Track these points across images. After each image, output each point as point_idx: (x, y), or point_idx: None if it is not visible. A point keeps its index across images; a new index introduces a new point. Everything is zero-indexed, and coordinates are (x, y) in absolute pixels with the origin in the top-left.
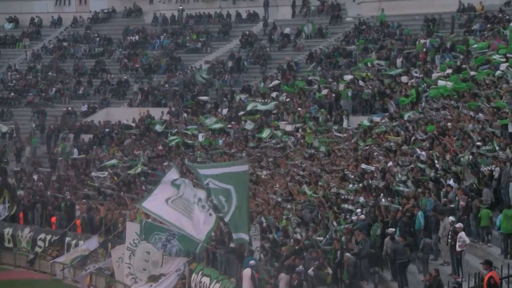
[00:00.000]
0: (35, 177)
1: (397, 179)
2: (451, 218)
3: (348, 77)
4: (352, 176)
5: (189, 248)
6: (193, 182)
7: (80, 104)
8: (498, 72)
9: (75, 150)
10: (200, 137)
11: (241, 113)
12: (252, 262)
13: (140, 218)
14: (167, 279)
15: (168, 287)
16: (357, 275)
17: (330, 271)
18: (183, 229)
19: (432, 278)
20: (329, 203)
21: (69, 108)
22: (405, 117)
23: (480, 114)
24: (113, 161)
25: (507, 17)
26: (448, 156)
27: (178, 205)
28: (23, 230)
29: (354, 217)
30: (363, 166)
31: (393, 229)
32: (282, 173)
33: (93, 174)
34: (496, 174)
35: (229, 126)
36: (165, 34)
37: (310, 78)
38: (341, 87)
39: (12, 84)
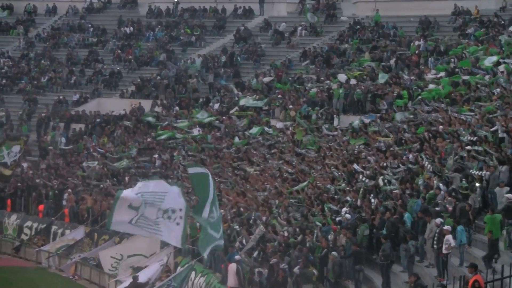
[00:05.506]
0: (25, 164)
1: (385, 180)
2: (439, 219)
3: (342, 77)
4: (339, 175)
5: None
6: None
7: (71, 93)
8: (487, 76)
9: (63, 140)
10: (196, 131)
11: (232, 110)
12: (237, 257)
13: None
14: (149, 269)
15: (150, 277)
16: (342, 274)
17: (315, 272)
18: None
19: (414, 283)
20: (318, 202)
21: (61, 97)
22: (397, 118)
23: (470, 117)
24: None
25: (502, 22)
26: (437, 159)
27: (142, 224)
28: (10, 217)
29: (338, 218)
30: (354, 166)
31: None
32: (271, 170)
33: (84, 164)
34: (485, 179)
35: (217, 121)
36: (159, 26)
37: (304, 76)
38: (334, 86)
39: (4, 71)
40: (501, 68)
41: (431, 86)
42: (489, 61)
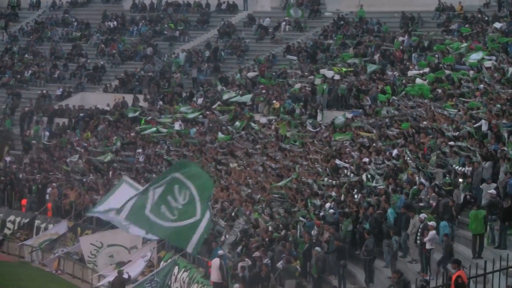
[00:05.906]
0: (8, 158)
1: (369, 176)
2: (423, 215)
3: (329, 73)
4: (323, 170)
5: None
6: None
7: (55, 87)
8: (471, 72)
9: (46, 134)
10: (177, 126)
11: (215, 105)
12: (220, 252)
13: None
14: (133, 264)
15: (135, 273)
16: (325, 270)
17: (299, 268)
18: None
19: (397, 279)
20: (302, 197)
21: (44, 91)
22: (382, 113)
23: (454, 112)
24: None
25: (486, 18)
26: (420, 154)
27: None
28: None
29: (322, 213)
30: (337, 161)
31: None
32: (255, 164)
33: (68, 159)
34: (468, 175)
35: (201, 116)
36: (143, 21)
37: (288, 71)
38: (318, 81)
39: None
40: (488, 64)
41: (419, 81)
42: (474, 57)
